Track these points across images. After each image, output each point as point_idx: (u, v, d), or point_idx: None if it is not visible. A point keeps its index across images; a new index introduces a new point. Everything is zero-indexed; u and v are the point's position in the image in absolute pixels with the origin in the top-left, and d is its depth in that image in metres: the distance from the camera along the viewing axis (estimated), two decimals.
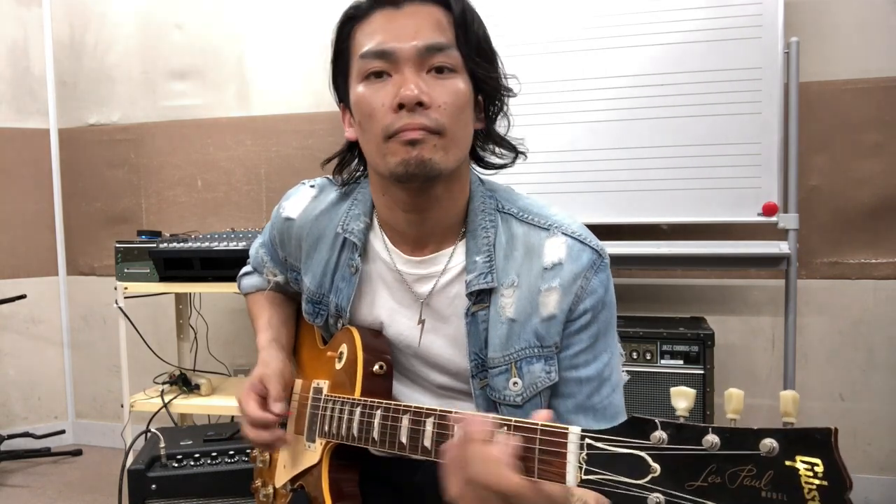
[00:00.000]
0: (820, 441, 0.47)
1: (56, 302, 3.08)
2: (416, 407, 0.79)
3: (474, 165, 0.95)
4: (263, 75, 2.78)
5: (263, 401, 0.96)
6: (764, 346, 2.41)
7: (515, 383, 0.86)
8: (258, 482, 1.12)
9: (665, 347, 2.05)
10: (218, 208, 2.87)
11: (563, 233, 0.88)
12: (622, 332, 1.28)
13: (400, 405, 0.82)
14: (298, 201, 1.01)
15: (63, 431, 3.05)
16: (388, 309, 0.95)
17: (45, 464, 2.86)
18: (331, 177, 1.02)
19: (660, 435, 0.53)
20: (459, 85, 0.82)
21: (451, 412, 0.72)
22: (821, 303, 2.36)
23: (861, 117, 2.27)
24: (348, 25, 0.86)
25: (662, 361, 2.04)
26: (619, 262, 2.32)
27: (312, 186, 1.02)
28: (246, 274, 1.18)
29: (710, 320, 2.26)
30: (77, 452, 2.93)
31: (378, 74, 0.81)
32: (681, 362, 2.03)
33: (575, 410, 0.87)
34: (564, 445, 0.58)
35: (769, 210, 2.08)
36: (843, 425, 2.34)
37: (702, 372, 2.01)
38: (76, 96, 3.01)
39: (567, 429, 0.59)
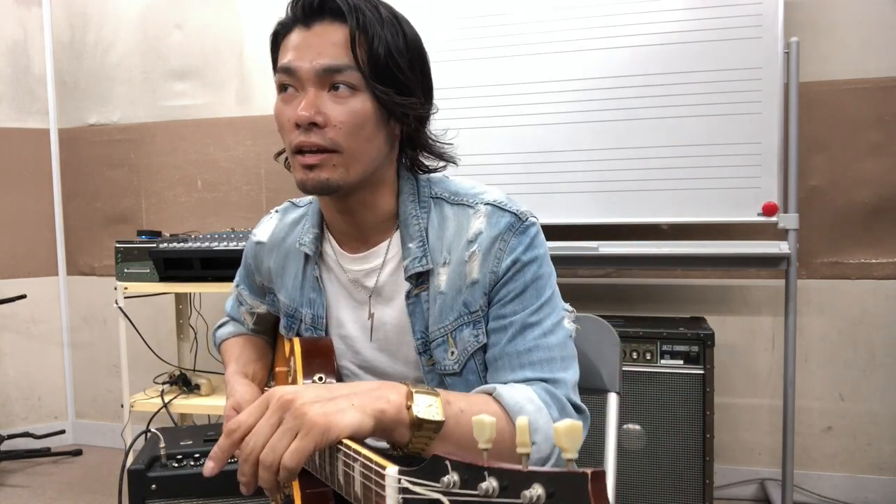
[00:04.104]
0: (578, 489, 0.43)
1: (56, 302, 3.08)
2: None
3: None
4: (263, 75, 2.78)
5: None
6: (764, 346, 2.41)
7: (452, 353, 0.91)
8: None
9: (665, 347, 2.05)
10: (218, 208, 2.87)
11: (485, 204, 0.92)
12: (622, 331, 1.28)
13: None
14: (266, 226, 1.08)
15: (63, 431, 3.05)
16: (348, 309, 0.99)
17: (45, 464, 2.86)
18: (293, 199, 1.10)
19: (450, 479, 0.50)
20: (357, 104, 0.85)
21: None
22: (821, 303, 2.36)
23: (861, 117, 2.27)
24: (276, 38, 0.92)
25: (662, 361, 2.04)
26: (619, 262, 2.33)
27: (277, 211, 1.10)
28: (219, 327, 1.21)
29: (710, 320, 2.26)
30: (77, 452, 2.93)
31: (286, 88, 0.87)
32: (681, 362, 2.03)
33: (499, 357, 0.89)
34: (383, 487, 0.57)
35: (769, 210, 2.08)
36: (843, 425, 2.35)
37: (702, 372, 2.01)
38: (76, 96, 3.01)
39: (385, 468, 0.57)
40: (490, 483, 0.47)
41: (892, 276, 2.30)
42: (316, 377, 0.91)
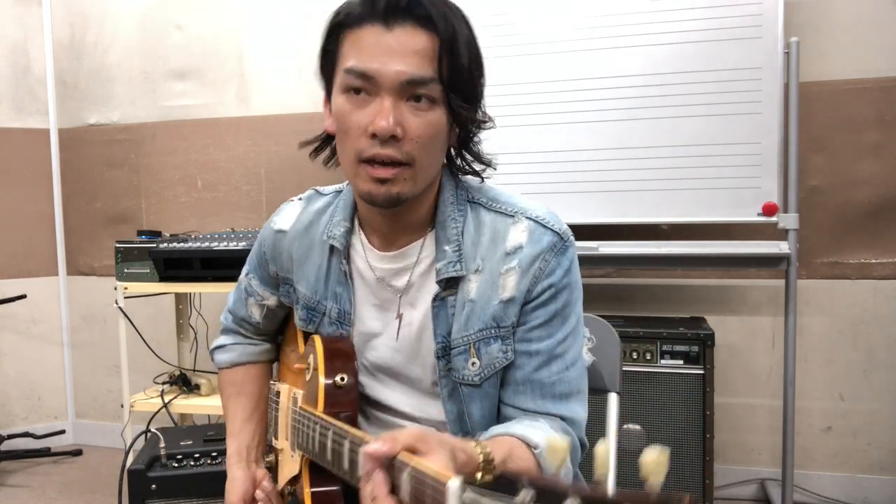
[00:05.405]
0: None
1: (56, 302, 3.08)
2: (353, 433, 0.77)
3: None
4: (263, 75, 2.78)
5: None
6: (764, 346, 2.41)
7: (474, 363, 0.89)
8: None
9: (665, 347, 2.05)
10: (218, 208, 2.87)
11: (527, 217, 0.90)
12: (622, 331, 1.27)
13: (345, 430, 0.79)
14: (289, 214, 1.04)
15: (63, 431, 3.05)
16: (370, 306, 0.97)
17: (45, 464, 2.86)
18: (317, 188, 1.06)
19: (524, 495, 0.49)
20: (435, 117, 0.83)
21: (366, 439, 0.68)
22: (821, 303, 2.36)
23: (861, 117, 2.27)
24: (338, 29, 0.85)
25: (662, 361, 2.04)
26: (619, 262, 2.33)
27: (300, 199, 1.06)
28: (218, 348, 1.18)
29: (710, 320, 2.26)
30: (77, 452, 2.93)
31: (357, 91, 0.82)
32: (681, 362, 2.03)
33: (522, 382, 0.89)
34: (444, 500, 0.55)
35: (769, 210, 2.08)
36: (843, 425, 2.35)
37: (702, 372, 2.01)
38: (76, 96, 3.01)
39: (446, 480, 0.55)
40: (573, 502, 0.46)
41: (892, 276, 2.30)
42: (338, 377, 0.90)
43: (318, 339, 0.95)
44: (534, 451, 0.78)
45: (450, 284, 0.90)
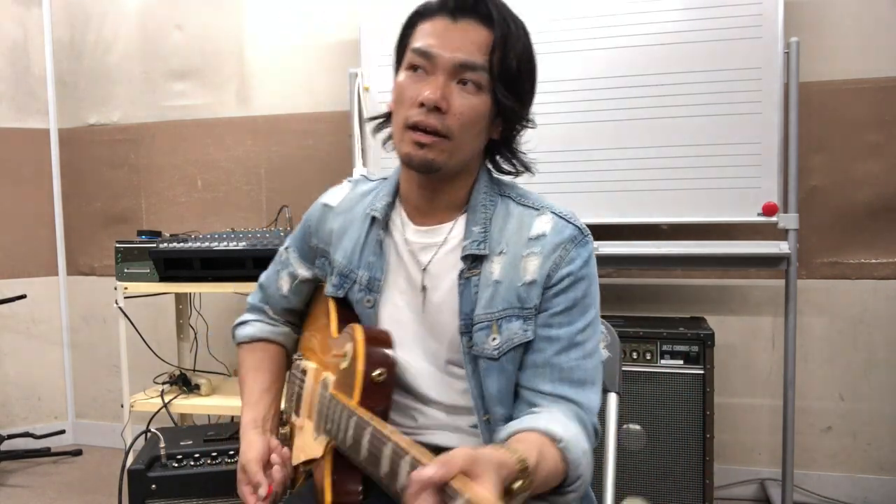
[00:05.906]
0: None
1: (56, 302, 3.08)
2: (396, 440, 0.76)
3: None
4: (263, 75, 2.78)
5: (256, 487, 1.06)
6: (764, 346, 2.41)
7: (494, 339, 0.95)
8: None
9: (665, 347, 2.05)
10: (218, 208, 2.87)
11: (551, 212, 1.00)
12: (622, 332, 1.27)
13: (385, 434, 0.79)
14: (338, 193, 1.14)
15: (63, 431, 3.05)
16: (400, 278, 1.03)
17: (45, 464, 2.86)
18: (365, 174, 1.17)
19: None
20: (478, 102, 0.93)
21: (422, 459, 0.68)
22: (821, 303, 2.36)
23: (861, 117, 2.27)
24: (415, 18, 0.99)
25: (662, 361, 2.04)
26: (619, 262, 2.33)
27: (349, 182, 1.16)
28: (241, 323, 1.23)
29: (710, 320, 2.26)
30: (77, 452, 2.93)
31: (416, 69, 0.94)
32: (681, 362, 2.03)
33: (542, 365, 0.94)
34: None
35: (769, 210, 2.08)
36: (843, 425, 2.35)
37: (702, 372, 2.01)
38: (76, 96, 3.01)
39: None
40: None
41: (892, 276, 2.30)
42: (376, 372, 0.93)
43: (357, 329, 0.97)
44: (558, 444, 0.83)
45: (474, 264, 0.97)
